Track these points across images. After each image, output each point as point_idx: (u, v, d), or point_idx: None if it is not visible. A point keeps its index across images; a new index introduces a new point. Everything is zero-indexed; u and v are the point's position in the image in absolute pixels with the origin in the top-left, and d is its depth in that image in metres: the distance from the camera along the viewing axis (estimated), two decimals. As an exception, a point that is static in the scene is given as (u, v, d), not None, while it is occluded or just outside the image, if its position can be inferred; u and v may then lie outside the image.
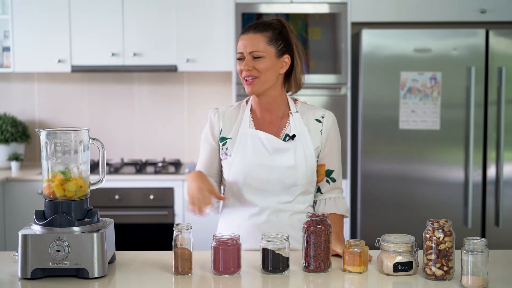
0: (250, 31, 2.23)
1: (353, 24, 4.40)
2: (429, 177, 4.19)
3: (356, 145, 4.33)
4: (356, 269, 1.96)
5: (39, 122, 4.88)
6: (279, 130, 2.28)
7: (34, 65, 4.57)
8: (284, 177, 2.22)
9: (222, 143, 2.28)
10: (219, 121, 2.30)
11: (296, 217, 2.26)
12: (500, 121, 4.11)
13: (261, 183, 2.23)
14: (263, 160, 2.23)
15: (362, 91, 4.19)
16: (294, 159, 2.22)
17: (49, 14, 4.51)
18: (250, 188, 2.24)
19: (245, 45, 2.21)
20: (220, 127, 2.30)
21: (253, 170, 2.22)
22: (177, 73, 4.83)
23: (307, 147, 2.25)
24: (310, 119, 2.30)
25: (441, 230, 1.88)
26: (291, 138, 2.24)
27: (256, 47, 2.20)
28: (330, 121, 2.31)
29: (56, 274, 1.90)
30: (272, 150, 2.23)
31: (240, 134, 2.26)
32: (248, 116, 2.29)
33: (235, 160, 2.24)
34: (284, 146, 2.24)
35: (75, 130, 1.97)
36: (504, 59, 4.12)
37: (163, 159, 4.77)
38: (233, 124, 2.29)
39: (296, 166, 2.22)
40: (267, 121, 2.29)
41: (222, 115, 2.31)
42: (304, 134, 2.26)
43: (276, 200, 2.24)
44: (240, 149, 2.24)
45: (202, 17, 4.50)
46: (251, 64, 2.19)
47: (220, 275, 1.94)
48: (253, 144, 2.24)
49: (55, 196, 1.94)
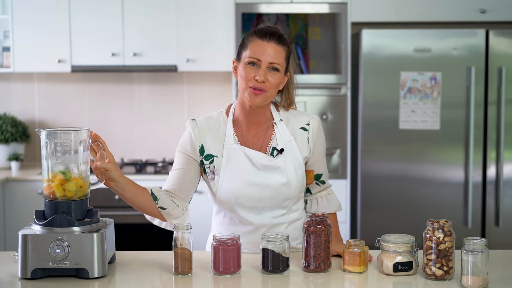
0: (274, 40, 2.12)
1: (353, 24, 4.39)
2: (429, 177, 4.19)
3: (356, 145, 4.33)
4: (356, 269, 1.96)
5: (39, 122, 4.88)
6: (264, 144, 2.20)
7: (34, 65, 4.57)
8: (277, 193, 2.17)
9: (208, 161, 2.19)
10: (199, 137, 2.20)
11: (292, 227, 2.24)
12: (500, 121, 4.11)
13: (254, 202, 2.17)
14: (254, 178, 2.16)
15: (362, 91, 4.19)
16: (286, 176, 2.17)
17: (49, 14, 4.51)
18: (243, 207, 2.18)
19: (268, 54, 2.09)
20: (200, 144, 2.20)
21: (245, 190, 2.15)
22: (177, 73, 4.83)
23: (296, 160, 2.19)
24: (296, 128, 2.23)
25: (441, 230, 1.88)
26: (279, 153, 2.18)
27: (278, 59, 2.11)
28: (316, 127, 2.25)
29: (56, 274, 1.90)
30: (262, 167, 2.16)
31: (226, 151, 2.17)
32: (231, 130, 2.20)
33: (225, 180, 2.16)
34: (273, 163, 2.16)
35: (75, 130, 1.97)
36: (504, 59, 4.12)
37: (163, 159, 4.77)
38: (215, 139, 2.19)
39: (288, 182, 2.17)
40: (252, 135, 2.21)
41: (201, 129, 2.21)
42: (291, 145, 2.20)
43: (271, 216, 2.20)
44: (228, 168, 2.16)
45: (202, 17, 4.50)
46: (267, 76, 2.10)
47: (220, 275, 1.94)
48: (241, 162, 2.16)
49: (55, 196, 1.94)
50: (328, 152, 4.27)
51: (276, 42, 2.12)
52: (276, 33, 2.13)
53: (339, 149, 4.30)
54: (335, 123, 4.27)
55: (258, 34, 2.13)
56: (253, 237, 2.20)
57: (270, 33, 2.13)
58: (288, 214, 2.23)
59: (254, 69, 2.10)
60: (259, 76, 2.08)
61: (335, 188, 2.54)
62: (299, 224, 2.26)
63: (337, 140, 4.29)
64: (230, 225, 2.23)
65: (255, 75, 2.09)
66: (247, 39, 2.15)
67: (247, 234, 2.20)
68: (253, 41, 2.13)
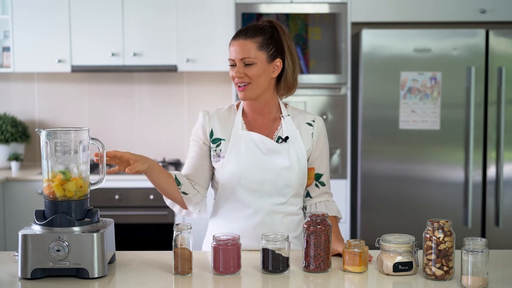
0: (241, 36, 2.21)
1: (353, 24, 4.40)
2: (429, 177, 4.19)
3: (356, 145, 4.33)
4: (356, 269, 1.96)
5: (39, 122, 4.88)
6: (271, 133, 2.28)
7: (34, 65, 4.57)
8: (278, 178, 2.23)
9: (215, 144, 2.27)
10: (210, 123, 2.29)
11: (289, 219, 2.27)
12: (500, 121, 4.12)
13: (255, 184, 2.22)
14: (257, 161, 2.23)
15: (362, 91, 4.19)
16: (288, 160, 2.23)
17: (49, 14, 4.51)
18: (244, 189, 2.23)
19: (236, 52, 2.20)
20: (210, 128, 2.29)
21: (247, 171, 2.22)
22: (177, 73, 4.83)
23: (300, 149, 2.26)
24: (302, 123, 2.31)
25: (441, 230, 1.88)
26: (284, 140, 2.25)
27: (247, 53, 2.19)
28: (320, 125, 2.33)
29: (56, 274, 1.90)
30: (266, 151, 2.24)
31: (233, 136, 2.25)
32: (240, 118, 2.29)
33: (229, 162, 2.23)
34: (277, 148, 2.24)
35: (75, 130, 1.97)
36: (504, 59, 4.13)
37: (163, 159, 4.77)
38: (224, 125, 2.29)
39: (290, 167, 2.23)
40: (259, 124, 2.29)
41: (212, 116, 2.31)
42: (296, 136, 2.27)
43: (270, 202, 2.24)
44: (234, 151, 2.24)
45: (202, 17, 4.50)
46: (243, 71, 2.19)
47: (220, 275, 1.94)
48: (246, 146, 2.24)
49: (55, 196, 1.94)
50: (328, 152, 4.28)
51: (243, 37, 2.21)
52: (245, 29, 2.23)
53: (339, 149, 4.30)
54: (335, 123, 4.27)
55: (233, 36, 2.26)
56: (251, 221, 2.23)
57: (240, 31, 2.24)
58: (287, 206, 2.26)
59: (233, 68, 2.22)
60: (235, 73, 2.20)
61: (335, 188, 2.55)
62: (296, 219, 2.29)
63: (337, 140, 4.29)
64: (231, 211, 2.26)
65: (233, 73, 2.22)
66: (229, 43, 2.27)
67: (246, 218, 2.23)
68: (230, 44, 2.25)
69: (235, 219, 2.25)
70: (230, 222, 2.26)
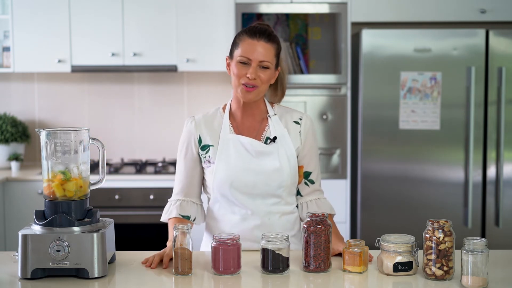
0: (263, 39, 2.18)
1: (353, 24, 4.40)
2: (429, 177, 4.19)
3: (356, 145, 4.33)
4: (356, 269, 1.96)
5: (39, 122, 4.88)
6: (259, 134, 2.27)
7: (34, 65, 4.57)
8: (270, 179, 2.22)
9: (205, 151, 2.27)
10: (197, 129, 2.28)
11: (285, 218, 2.28)
12: (500, 121, 4.11)
13: (248, 187, 2.22)
14: (248, 164, 2.22)
15: (362, 91, 4.19)
16: (279, 161, 2.23)
17: (49, 14, 4.50)
18: (238, 193, 2.22)
19: (258, 53, 2.16)
20: (198, 135, 2.28)
21: (239, 175, 2.21)
22: (177, 73, 4.83)
23: (289, 148, 2.26)
24: (289, 121, 2.31)
25: (441, 230, 1.88)
26: (272, 141, 2.25)
27: (268, 57, 2.18)
28: (308, 123, 2.32)
29: (56, 274, 1.90)
30: (256, 154, 2.23)
31: (221, 141, 2.24)
32: (228, 122, 2.28)
33: (220, 167, 2.22)
34: (266, 149, 2.23)
35: (75, 130, 1.97)
36: (504, 59, 4.12)
37: (163, 159, 4.77)
38: (212, 131, 2.27)
39: (281, 168, 2.23)
40: (247, 126, 2.28)
41: (199, 123, 2.29)
42: (285, 135, 2.27)
43: (265, 203, 2.24)
44: (224, 155, 2.23)
45: (202, 17, 4.50)
46: (257, 73, 2.17)
47: (220, 275, 1.94)
48: (236, 149, 2.23)
49: (55, 196, 1.94)
50: (328, 152, 4.28)
51: (266, 40, 2.18)
52: (265, 31, 2.20)
53: (339, 149, 4.30)
54: (335, 123, 4.27)
55: (248, 33, 2.20)
56: (249, 223, 2.23)
57: (260, 31, 2.19)
58: (282, 205, 2.26)
59: (245, 67, 2.18)
60: (250, 74, 2.16)
61: (335, 188, 2.54)
62: (292, 218, 2.30)
63: (337, 140, 4.29)
64: (226, 214, 2.26)
65: (246, 72, 2.17)
66: (238, 38, 2.22)
67: (243, 221, 2.23)
68: (243, 40, 2.19)
69: (231, 223, 2.24)
70: (226, 226, 2.25)
